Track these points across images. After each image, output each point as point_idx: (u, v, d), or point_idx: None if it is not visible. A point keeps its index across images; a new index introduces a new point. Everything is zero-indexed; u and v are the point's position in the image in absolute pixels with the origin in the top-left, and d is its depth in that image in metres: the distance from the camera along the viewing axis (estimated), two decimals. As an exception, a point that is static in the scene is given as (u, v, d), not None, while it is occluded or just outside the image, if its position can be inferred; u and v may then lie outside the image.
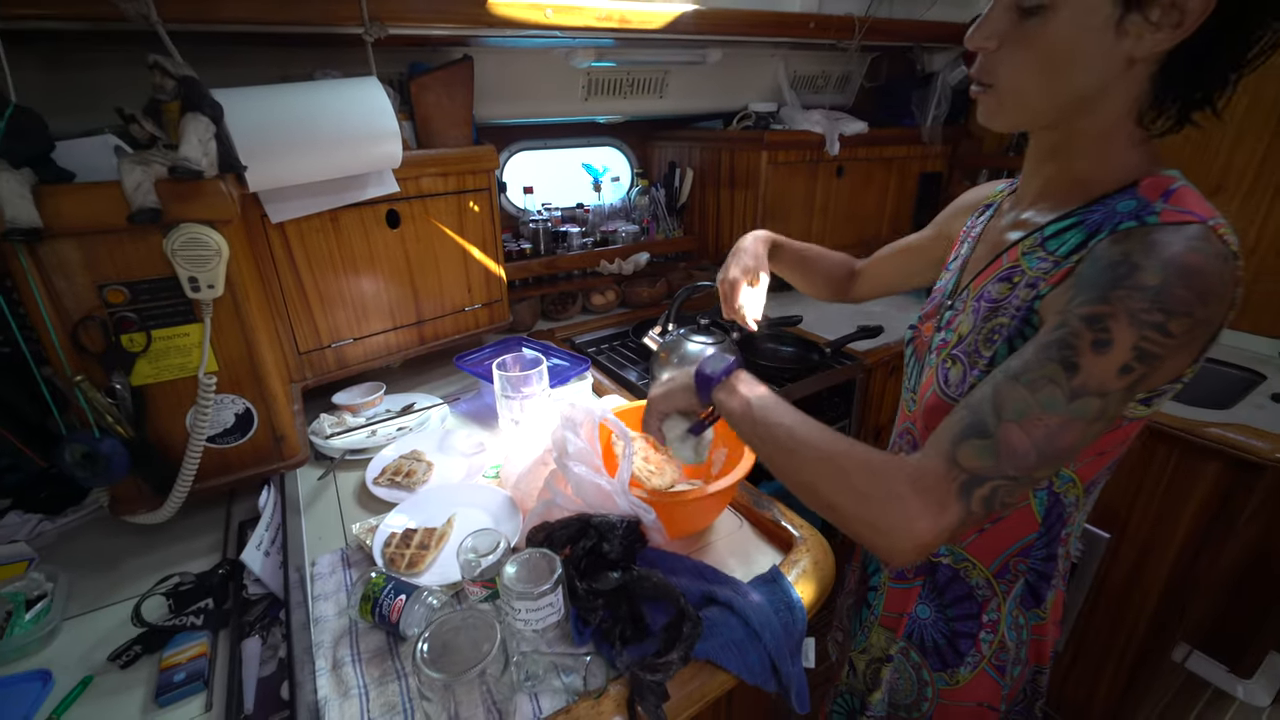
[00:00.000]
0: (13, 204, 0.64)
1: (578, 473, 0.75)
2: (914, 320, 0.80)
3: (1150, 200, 0.52)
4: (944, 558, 0.72)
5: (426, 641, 0.57)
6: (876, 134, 1.84)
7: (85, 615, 0.78)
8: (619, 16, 1.24)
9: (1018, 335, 0.58)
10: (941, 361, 0.67)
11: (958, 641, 0.73)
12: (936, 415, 0.65)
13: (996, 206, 0.74)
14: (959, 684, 0.74)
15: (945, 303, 0.73)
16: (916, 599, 0.76)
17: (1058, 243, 0.58)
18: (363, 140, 1.00)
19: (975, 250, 0.73)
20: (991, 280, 0.64)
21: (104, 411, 0.75)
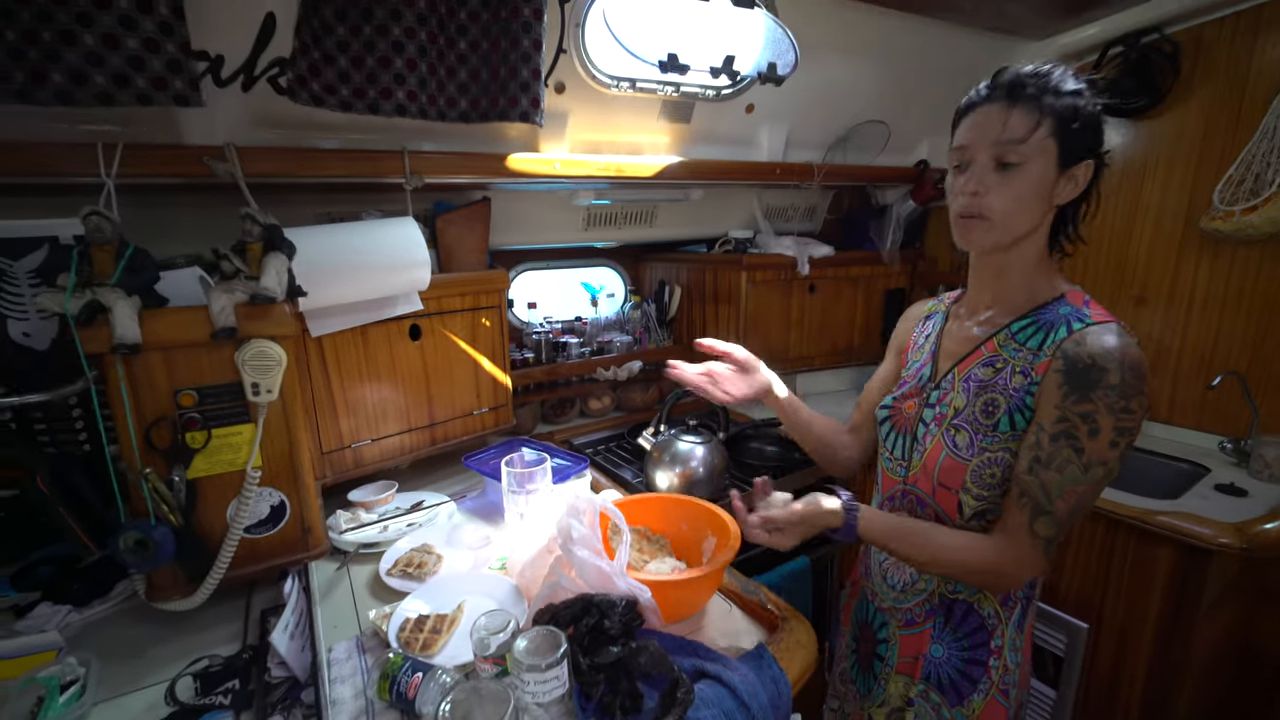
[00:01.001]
0: (123, 324, 0.78)
1: (581, 556, 0.84)
2: (886, 403, 0.96)
3: (1078, 306, 0.78)
4: (960, 594, 0.85)
5: (449, 704, 0.64)
6: (842, 256, 2.08)
7: (114, 700, 0.82)
8: (615, 168, 1.49)
9: (1018, 410, 0.78)
10: (945, 431, 0.84)
11: (971, 670, 0.85)
12: (953, 475, 0.83)
13: (946, 313, 0.94)
14: (974, 714, 0.85)
15: (928, 385, 0.90)
16: (929, 640, 0.87)
17: (1024, 336, 0.80)
18: (399, 268, 1.18)
19: (943, 345, 0.91)
20: (976, 365, 0.84)
21: (162, 500, 0.84)
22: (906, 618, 0.90)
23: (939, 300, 0.99)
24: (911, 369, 0.95)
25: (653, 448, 1.39)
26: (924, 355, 0.93)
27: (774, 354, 2.06)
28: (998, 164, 0.76)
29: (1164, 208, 1.66)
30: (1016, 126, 0.74)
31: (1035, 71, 0.75)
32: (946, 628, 0.86)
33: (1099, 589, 1.35)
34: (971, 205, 0.78)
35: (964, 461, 0.81)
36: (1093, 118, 0.75)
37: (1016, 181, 0.75)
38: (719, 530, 1.02)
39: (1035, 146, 0.74)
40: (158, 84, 0.86)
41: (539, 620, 0.83)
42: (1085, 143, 0.75)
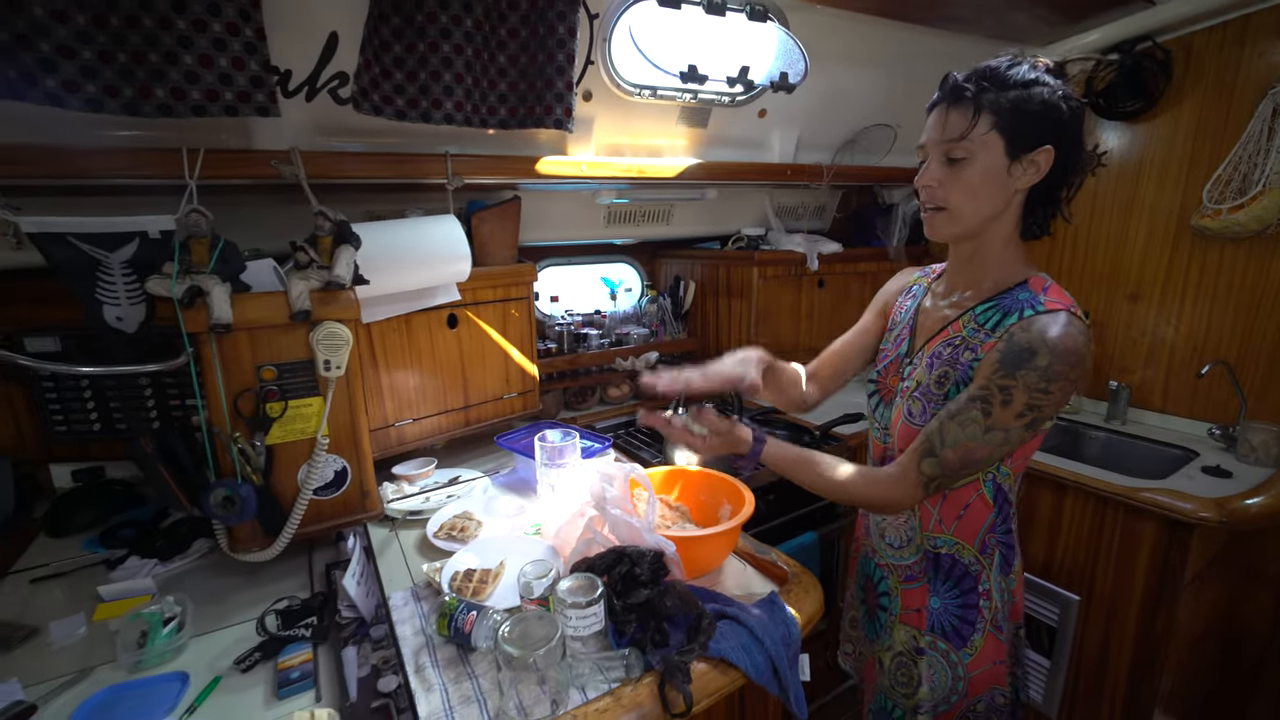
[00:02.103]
0: (219, 306, 0.90)
1: (614, 514, 0.95)
2: (873, 375, 1.05)
3: (1036, 293, 0.84)
4: (942, 548, 0.94)
5: (509, 627, 0.75)
6: (850, 253, 2.18)
7: (206, 635, 0.95)
8: (637, 169, 1.60)
9: (963, 382, 0.85)
10: (906, 401, 0.92)
11: (967, 614, 0.93)
12: (907, 437, 0.91)
13: (926, 290, 1.01)
14: (976, 650, 0.93)
15: (905, 360, 0.98)
16: (928, 593, 0.95)
17: (985, 318, 0.87)
18: (442, 261, 1.29)
19: (919, 321, 0.99)
20: (940, 344, 0.91)
21: (248, 462, 0.96)
22: (905, 574, 0.98)
23: (924, 273, 1.05)
24: (891, 343, 1.03)
25: (671, 429, 1.50)
26: (903, 330, 1.01)
27: (784, 346, 2.16)
28: (948, 159, 0.83)
29: (1157, 206, 1.75)
30: (955, 125, 0.81)
31: (982, 70, 0.81)
32: (938, 580, 0.94)
33: (1089, 563, 1.45)
34: (929, 198, 0.86)
35: (916, 428, 0.89)
36: (1046, 106, 0.79)
37: (965, 174, 0.82)
38: (734, 498, 1.13)
39: (977, 142, 0.80)
40: (242, 97, 0.98)
41: (576, 569, 0.94)
42: (1035, 131, 0.79)
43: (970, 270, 0.91)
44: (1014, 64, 0.81)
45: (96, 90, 0.91)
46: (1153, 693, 1.38)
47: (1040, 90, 0.79)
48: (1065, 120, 0.80)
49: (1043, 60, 0.82)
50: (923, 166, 0.87)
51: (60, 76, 0.89)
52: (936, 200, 0.85)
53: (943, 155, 0.84)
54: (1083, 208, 1.90)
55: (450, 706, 0.79)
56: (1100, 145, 1.85)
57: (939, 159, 0.84)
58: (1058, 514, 1.51)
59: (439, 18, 1.08)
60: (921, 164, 0.88)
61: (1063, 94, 0.81)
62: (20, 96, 0.87)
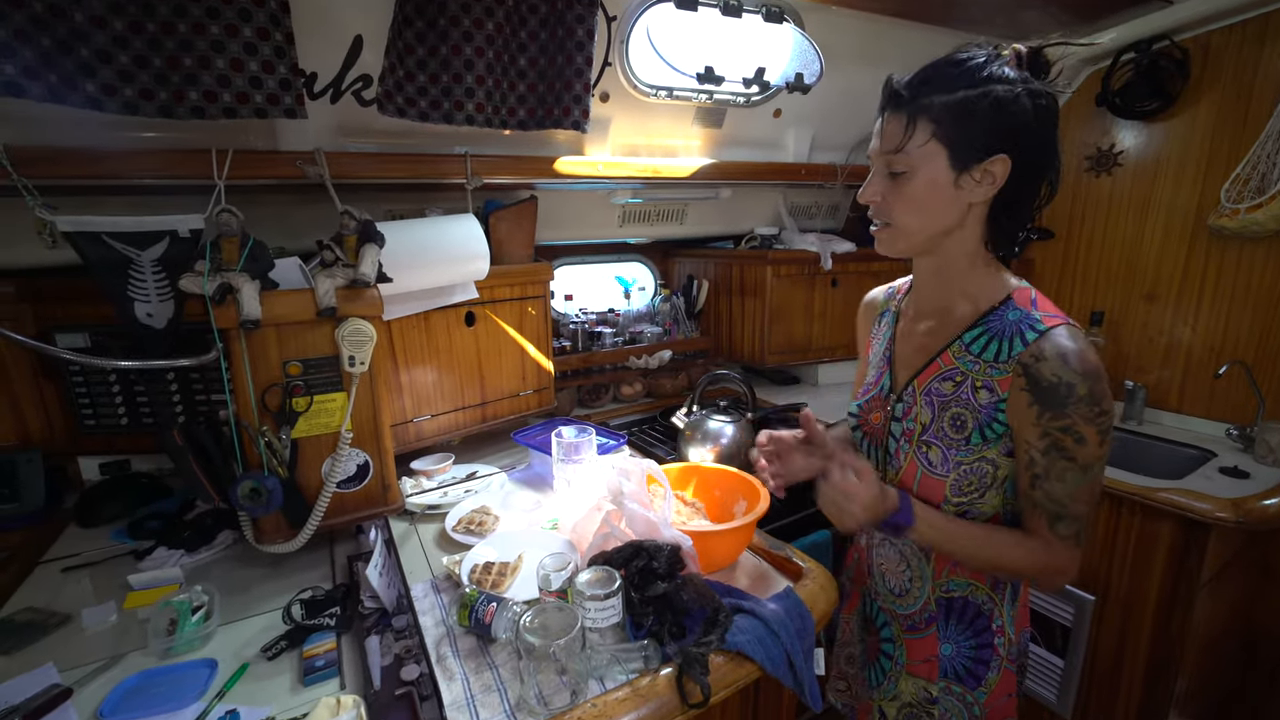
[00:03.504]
0: (249, 303, 0.93)
1: (631, 508, 0.96)
2: (853, 409, 0.95)
3: (1026, 310, 0.77)
4: (955, 592, 0.87)
5: (530, 617, 0.77)
6: (864, 252, 2.18)
7: (232, 623, 0.97)
8: (653, 169, 1.61)
9: (988, 425, 0.77)
10: (917, 449, 0.83)
11: (982, 654, 0.88)
12: (932, 491, 0.82)
13: (896, 313, 0.92)
14: (991, 687, 0.88)
15: (890, 397, 0.88)
16: (937, 641, 0.89)
17: (978, 348, 0.78)
18: (462, 260, 1.32)
19: (897, 351, 0.90)
20: (935, 379, 0.82)
21: (274, 455, 0.99)
22: (908, 623, 0.91)
23: (889, 295, 0.97)
24: (872, 375, 0.94)
25: (685, 426, 1.51)
26: (880, 360, 0.92)
27: (796, 346, 2.17)
28: (889, 172, 0.75)
29: (1174, 206, 1.74)
30: (892, 135, 0.74)
31: (926, 70, 0.73)
32: (949, 626, 0.88)
33: (1105, 563, 1.44)
34: (874, 212, 0.79)
35: (941, 478, 0.81)
36: (999, 108, 0.69)
37: (907, 189, 0.74)
38: (749, 494, 1.14)
39: (916, 154, 0.72)
40: (272, 100, 1.00)
41: (594, 563, 0.96)
42: (985, 139, 0.70)
43: (937, 288, 0.84)
44: (965, 60, 0.72)
45: (133, 94, 0.94)
46: (1168, 694, 1.37)
47: (994, 90, 0.69)
48: (1025, 123, 0.70)
49: (1013, 48, 0.74)
50: (868, 178, 0.79)
51: (99, 81, 0.92)
52: (881, 215, 0.79)
53: (884, 167, 0.76)
54: (1098, 207, 1.89)
55: (472, 695, 0.80)
56: (1116, 145, 1.84)
57: (881, 171, 0.77)
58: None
59: (462, 21, 1.10)
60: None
61: (1026, 90, 0.70)
62: (62, 100, 0.90)
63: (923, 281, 0.87)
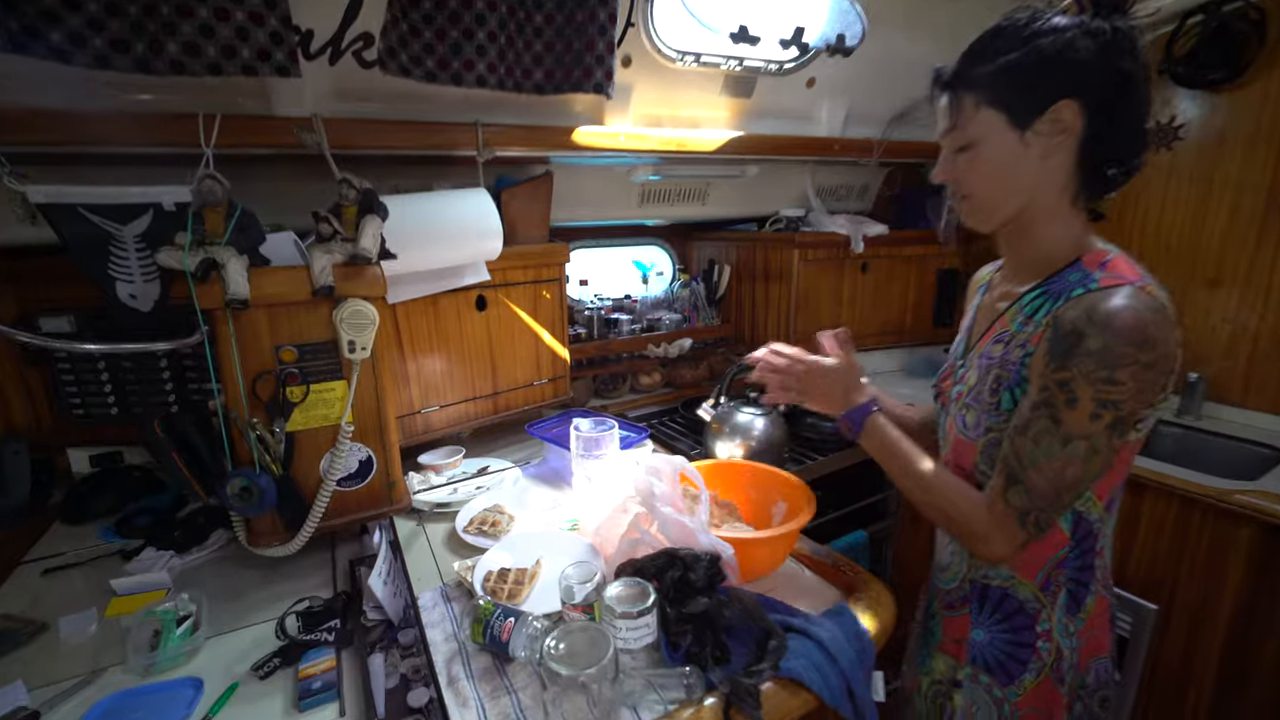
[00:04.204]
0: (235, 281, 0.82)
1: (664, 512, 0.86)
2: (934, 381, 0.96)
3: (1090, 270, 0.71)
4: (994, 580, 0.82)
5: (555, 640, 0.67)
6: (896, 235, 2.05)
7: (222, 635, 0.88)
8: (677, 142, 1.49)
9: (1016, 385, 0.74)
10: (959, 410, 0.83)
11: (1018, 653, 0.81)
12: (962, 452, 0.81)
13: (989, 284, 0.92)
14: (1024, 691, 0.80)
15: (958, 363, 0.89)
16: (970, 624, 0.85)
17: (1031, 308, 0.75)
18: (473, 238, 1.21)
19: (976, 320, 0.90)
20: (989, 342, 0.81)
21: (266, 450, 0.89)
22: (946, 600, 0.89)
23: (993, 267, 0.95)
24: (955, 344, 0.95)
25: (712, 419, 1.41)
26: (964, 329, 0.93)
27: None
28: (956, 150, 0.76)
29: (1243, 184, 1.60)
30: (947, 115, 0.75)
31: (969, 46, 0.74)
32: (983, 612, 0.83)
33: (1171, 570, 1.33)
34: (953, 190, 0.80)
35: (971, 441, 0.79)
36: (1053, 55, 0.68)
37: (976, 160, 0.74)
38: (789, 495, 1.03)
39: (972, 126, 0.73)
40: (261, 55, 0.90)
41: (622, 573, 0.86)
42: (1042, 90, 0.69)
43: (1016, 253, 0.82)
44: (1005, 26, 0.72)
45: (103, 45, 0.83)
46: (1241, 709, 1.26)
47: (1038, 44, 0.69)
48: (1086, 61, 0.68)
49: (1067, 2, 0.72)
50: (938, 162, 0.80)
51: (65, 29, 0.81)
52: (961, 192, 0.79)
53: (950, 146, 0.77)
54: (1155, 185, 1.75)
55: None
56: (1177, 117, 1.70)
57: (949, 150, 0.78)
58: (1135, 516, 1.39)
59: (472, -32, 0.98)
60: None
61: (1082, 31, 0.68)
62: (22, 50, 0.80)
63: (1006, 250, 0.85)
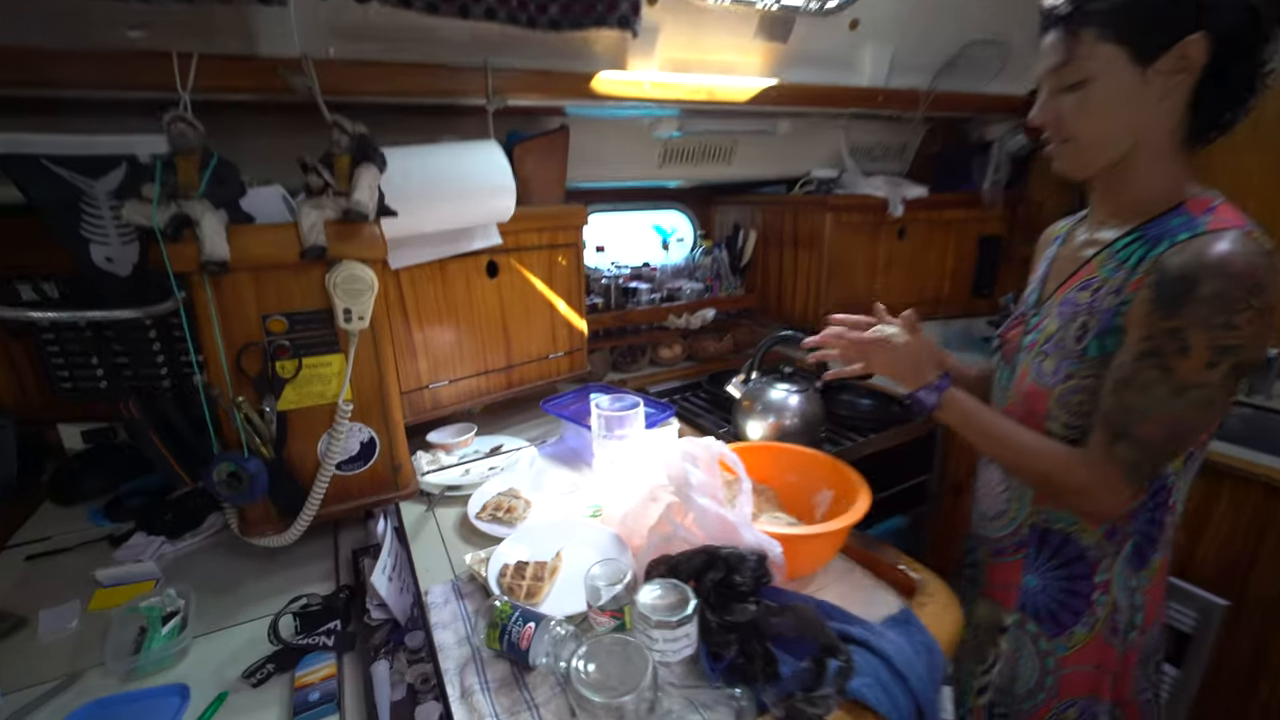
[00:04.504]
0: (211, 240, 0.72)
1: (702, 504, 0.76)
2: (995, 335, 0.93)
3: (1196, 215, 0.67)
4: (1055, 524, 0.81)
5: (584, 660, 0.57)
6: (936, 198, 1.90)
7: (213, 634, 0.80)
8: (707, 91, 1.35)
9: (1106, 333, 0.71)
10: (1034, 358, 0.80)
11: (1072, 602, 0.80)
12: (1035, 400, 0.78)
13: (1066, 236, 0.88)
14: (1075, 646, 0.80)
15: (1030, 312, 0.86)
16: (1022, 570, 0.84)
17: (1126, 254, 0.71)
18: (482, 194, 1.09)
19: (1054, 268, 0.86)
20: (1073, 289, 0.77)
21: (255, 432, 0.79)
22: (995, 548, 0.88)
23: (1069, 220, 0.91)
24: (1024, 296, 0.92)
25: (743, 396, 1.30)
26: (1038, 279, 0.89)
27: (856, 303, 1.91)
28: (1063, 89, 0.70)
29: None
30: (1058, 49, 0.69)
31: None
32: (1040, 557, 0.83)
33: (1244, 563, 1.22)
34: (1054, 133, 0.74)
35: (1046, 388, 0.77)
36: None
37: (1088, 101, 0.69)
38: (837, 483, 0.93)
39: (1092, 62, 0.67)
40: (236, -27, 0.77)
41: (654, 572, 0.76)
42: (1170, 23, 0.64)
43: (1110, 199, 0.78)
44: None
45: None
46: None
47: None
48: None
49: None
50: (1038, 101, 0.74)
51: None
52: (1059, 134, 0.74)
53: (1056, 85, 0.71)
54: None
55: (506, 747, 0.62)
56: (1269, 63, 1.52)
57: (1052, 90, 0.72)
58: (1206, 504, 1.27)
59: None
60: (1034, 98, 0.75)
61: None
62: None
63: (1100, 195, 0.80)
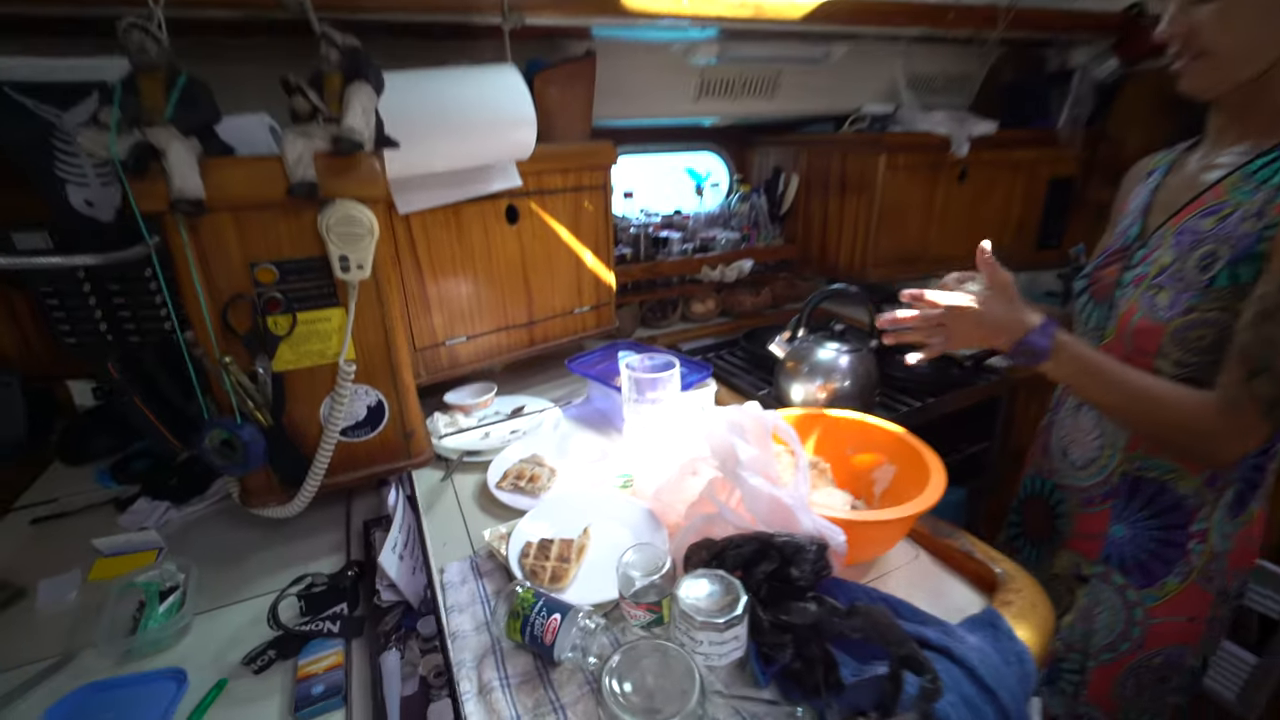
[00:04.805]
0: (181, 173, 0.61)
1: (753, 484, 0.65)
2: (1085, 272, 0.87)
3: None
4: (1150, 472, 0.78)
5: (617, 679, 0.48)
6: (1005, 135, 1.69)
7: (215, 611, 0.74)
8: (754, 7, 1.17)
9: (1242, 260, 0.65)
10: (1144, 292, 0.75)
11: (1165, 552, 0.78)
12: (1146, 337, 0.74)
13: (1170, 166, 0.81)
14: (1167, 596, 0.79)
15: (1133, 245, 0.80)
16: (1109, 519, 0.82)
17: (1266, 174, 0.65)
18: (500, 126, 0.96)
19: (1156, 199, 0.80)
20: (1194, 217, 0.72)
21: (247, 396, 0.71)
22: (1084, 497, 0.86)
23: (1168, 152, 0.85)
24: (1119, 230, 0.85)
25: (787, 356, 1.18)
26: (1136, 211, 0.83)
27: (908, 255, 1.76)
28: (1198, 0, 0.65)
29: None
30: None
31: None
32: (1130, 507, 0.80)
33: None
34: (1185, 48, 0.69)
35: (1161, 323, 0.72)
36: None
37: (1229, 12, 0.64)
38: (902, 457, 0.82)
39: None
40: None
41: (694, 558, 0.67)
42: None
43: (1246, 116, 0.71)
44: None
45: None
46: None
47: None
48: None
49: None
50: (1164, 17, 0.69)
51: None
52: (1192, 47, 0.68)
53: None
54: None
55: (529, 758, 0.55)
56: None
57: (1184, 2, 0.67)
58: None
59: None
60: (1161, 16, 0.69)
61: None
62: None
63: (1227, 121, 0.74)
